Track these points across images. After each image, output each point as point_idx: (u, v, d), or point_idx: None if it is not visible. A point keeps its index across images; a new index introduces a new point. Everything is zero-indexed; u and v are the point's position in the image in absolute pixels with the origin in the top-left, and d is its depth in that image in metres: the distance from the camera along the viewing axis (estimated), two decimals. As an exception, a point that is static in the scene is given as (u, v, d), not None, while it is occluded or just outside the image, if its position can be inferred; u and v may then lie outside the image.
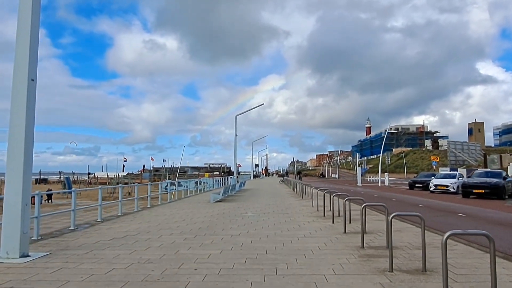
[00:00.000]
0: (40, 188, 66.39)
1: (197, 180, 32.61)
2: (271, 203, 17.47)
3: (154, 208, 15.37)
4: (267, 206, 15.92)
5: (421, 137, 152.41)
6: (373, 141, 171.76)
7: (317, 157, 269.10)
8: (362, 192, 28.24)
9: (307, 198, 19.89)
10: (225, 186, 18.64)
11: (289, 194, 24.07)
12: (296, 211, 13.85)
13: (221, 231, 9.25)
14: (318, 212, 13.06)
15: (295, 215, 12.42)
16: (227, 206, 16.10)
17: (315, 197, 15.25)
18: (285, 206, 15.85)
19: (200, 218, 11.97)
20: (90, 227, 10.20)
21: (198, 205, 16.82)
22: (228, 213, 13.17)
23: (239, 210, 14.35)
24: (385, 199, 20.49)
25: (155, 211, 14.13)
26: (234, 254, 6.56)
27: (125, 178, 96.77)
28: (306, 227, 9.72)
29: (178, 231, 9.28)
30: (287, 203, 17.15)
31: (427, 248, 5.87)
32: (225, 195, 19.79)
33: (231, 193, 24.00)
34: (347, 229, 8.92)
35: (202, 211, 14.14)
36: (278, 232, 8.98)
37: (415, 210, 14.98)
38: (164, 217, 12.20)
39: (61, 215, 15.68)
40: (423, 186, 29.46)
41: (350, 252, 6.67)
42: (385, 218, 10.83)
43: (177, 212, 13.68)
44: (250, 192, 26.80)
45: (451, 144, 57.87)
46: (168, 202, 18.50)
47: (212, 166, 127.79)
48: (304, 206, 15.64)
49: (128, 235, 8.77)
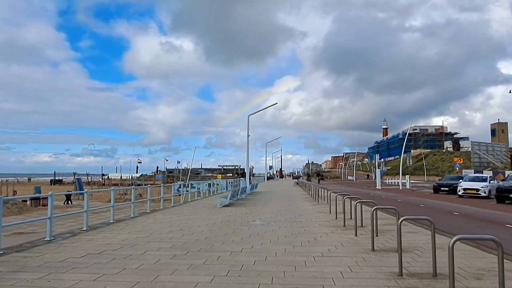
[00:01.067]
0: (54, 189, 66.27)
1: (210, 182, 31.51)
2: (283, 208, 15.79)
3: (153, 214, 13.86)
4: (279, 212, 14.25)
5: (441, 138, 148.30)
6: (390, 142, 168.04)
7: (332, 159, 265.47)
8: (383, 196, 26.23)
9: (323, 202, 18.13)
10: (233, 190, 17.05)
11: (304, 198, 22.33)
12: (312, 218, 12.14)
13: (220, 245, 7.64)
14: (337, 221, 11.31)
15: (310, 224, 10.71)
16: (234, 211, 14.50)
17: (332, 201, 13.53)
18: (299, 212, 14.15)
19: (200, 227, 10.39)
20: (70, 237, 8.72)
21: (203, 210, 15.26)
22: (234, 221, 11.56)
23: (246, 217, 12.72)
24: (412, 205, 18.54)
25: (153, 217, 12.63)
26: (228, 285, 4.93)
27: (138, 179, 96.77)
28: (324, 241, 8.02)
29: (168, 244, 7.70)
30: (301, 209, 15.44)
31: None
32: (234, 199, 18.19)
33: (241, 196, 22.41)
34: (375, 245, 7.18)
35: (205, 217, 12.56)
36: (289, 248, 7.31)
37: (451, 219, 13.11)
38: (160, 225, 10.67)
39: (67, 218, 14.38)
40: (449, 189, 27.25)
41: (385, 284, 4.95)
42: (421, 231, 9.12)
43: (177, 219, 12.14)
44: (262, 195, 25.15)
45: (475, 145, 54.95)
46: (172, 206, 17.01)
47: (225, 167, 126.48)
48: (321, 212, 13.90)
49: (108, 249, 7.23)
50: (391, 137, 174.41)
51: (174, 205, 17.43)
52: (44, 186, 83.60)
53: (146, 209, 14.69)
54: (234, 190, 17.91)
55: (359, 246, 7.45)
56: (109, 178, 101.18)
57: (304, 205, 17.13)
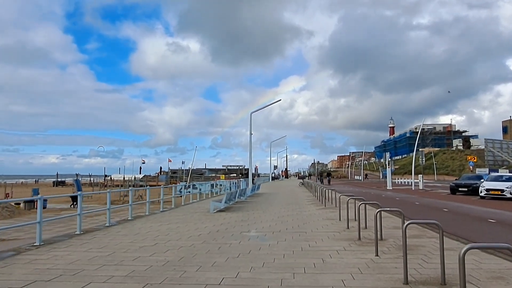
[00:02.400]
0: (56, 191, 64.65)
1: (212, 183, 29.84)
2: (285, 213, 13.77)
3: (132, 222, 11.90)
4: (280, 219, 12.22)
5: (449, 137, 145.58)
6: (397, 141, 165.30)
7: (338, 158, 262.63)
8: (397, 198, 24.00)
9: (331, 206, 16.09)
10: (229, 192, 15.03)
11: (309, 200, 20.28)
12: (318, 228, 10.10)
13: (195, 271, 5.65)
14: (350, 232, 9.27)
15: (316, 237, 8.68)
16: (228, 218, 12.50)
17: (341, 205, 11.50)
18: (304, 219, 12.12)
19: (181, 240, 8.42)
20: (8, 258, 6.78)
21: (194, 216, 13.28)
22: (224, 231, 9.56)
23: (241, 225, 10.72)
24: (434, 210, 16.33)
25: (130, 227, 10.67)
26: None
27: (140, 180, 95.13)
28: (336, 265, 5.99)
29: (125, 271, 5.72)
30: (306, 214, 13.40)
31: None
32: (230, 203, 16.19)
33: (240, 199, 20.44)
34: (409, 272, 5.09)
35: (192, 226, 10.58)
36: (287, 277, 5.29)
37: (492, 230, 10.99)
38: (133, 238, 8.71)
39: (65, 220, 12.64)
40: (468, 190, 25.01)
41: None
42: (459, 247, 7.07)
43: (157, 229, 10.17)
44: (264, 197, 23.13)
45: (488, 143, 52.40)
46: (161, 212, 15.05)
47: (230, 168, 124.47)
48: (329, 219, 11.85)
49: (39, 280, 5.28)
50: (398, 136, 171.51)
51: (164, 210, 15.48)
52: (46, 188, 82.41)
53: (130, 215, 12.74)
54: (230, 192, 15.89)
55: (385, 273, 5.41)
56: (112, 179, 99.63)
57: (309, 210, 15.09)
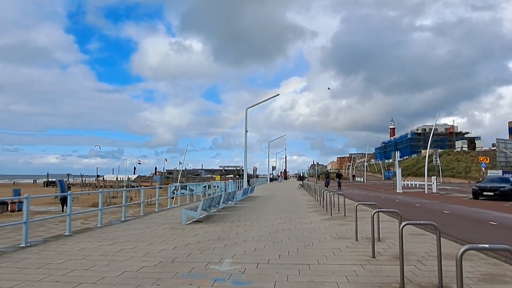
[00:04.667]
0: (46, 191, 60.82)
1: (206, 184, 27.58)
2: (280, 226, 10.39)
3: (62, 241, 8.48)
4: (272, 236, 8.84)
5: (451, 138, 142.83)
6: (398, 142, 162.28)
7: (338, 160, 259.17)
8: (416, 204, 20.20)
9: (338, 214, 12.73)
10: (205, 198, 11.54)
11: (310, 206, 16.91)
12: (328, 256, 6.72)
13: None
14: (378, 265, 5.88)
15: (328, 277, 5.30)
16: (201, 233, 9.12)
17: (351, 213, 8.11)
18: (305, 237, 8.74)
19: (102, 282, 5.04)
20: None
21: (156, 230, 9.89)
22: (182, 263, 6.17)
23: (213, 248, 7.32)
24: (477, 223, 12.87)
25: (52, 249, 7.28)
26: None
27: (133, 181, 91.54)
28: None
29: None
30: (309, 228, 10.02)
31: None
32: (210, 210, 12.79)
33: (228, 204, 17.06)
34: None
35: (141, 250, 7.19)
36: None
37: None
38: (29, 276, 5.33)
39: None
40: (494, 194, 21.65)
41: None
42: None
43: (87, 255, 6.77)
44: (257, 202, 19.73)
45: (500, 143, 49.04)
46: (121, 222, 11.68)
47: (227, 168, 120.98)
48: (341, 238, 8.46)
49: None
50: (399, 137, 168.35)
51: (126, 219, 12.08)
52: (36, 188, 78.79)
53: (68, 229, 9.33)
54: (211, 197, 12.43)
55: None
56: (104, 179, 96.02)
57: (312, 220, 11.69)
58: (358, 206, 8.09)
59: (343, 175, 56.47)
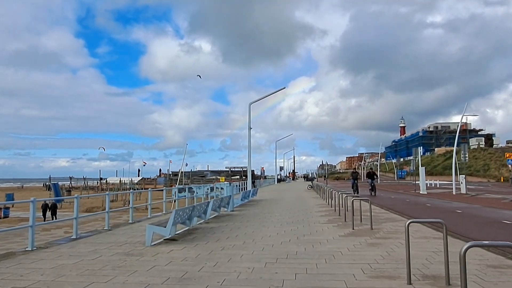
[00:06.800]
0: (45, 195, 58.12)
1: (209, 186, 26.06)
2: (284, 249, 7.21)
3: None
4: (268, 272, 5.66)
5: (464, 136, 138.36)
6: (409, 141, 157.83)
7: (347, 160, 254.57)
8: (458, 210, 16.80)
9: (361, 226, 9.50)
10: (179, 209, 8.22)
11: (323, 213, 13.70)
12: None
13: None
14: None
15: None
16: (160, 266, 5.98)
17: (378, 225, 4.89)
18: (321, 271, 5.54)
19: None
20: None
21: (101, 258, 6.78)
22: None
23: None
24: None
25: None
26: None
27: (136, 184, 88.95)
28: None
29: None
30: (325, 254, 6.82)
31: None
32: (191, 224, 9.63)
33: (224, 211, 13.96)
34: None
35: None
36: None
37: None
38: None
39: None
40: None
41: None
42: None
43: None
44: (260, 208, 16.54)
45: (526, 138, 45.23)
46: (69, 241, 8.62)
47: (233, 169, 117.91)
48: (380, 276, 5.26)
49: None
50: (410, 135, 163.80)
51: (79, 237, 9.00)
52: (38, 192, 76.48)
53: None
54: (190, 208, 9.21)
55: None
56: (107, 182, 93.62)
57: (327, 239, 8.46)
58: (408, 225, 4.83)
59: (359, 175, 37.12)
